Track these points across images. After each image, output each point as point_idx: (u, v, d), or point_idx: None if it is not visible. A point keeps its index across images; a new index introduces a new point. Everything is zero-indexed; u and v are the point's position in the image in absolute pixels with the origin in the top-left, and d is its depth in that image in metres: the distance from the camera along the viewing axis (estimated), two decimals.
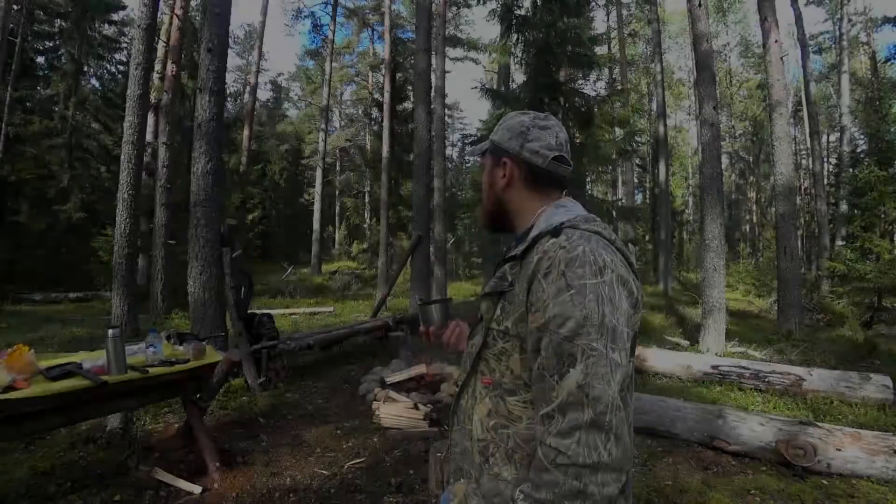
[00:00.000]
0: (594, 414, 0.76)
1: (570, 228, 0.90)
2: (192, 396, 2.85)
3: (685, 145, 30.18)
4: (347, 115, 31.72)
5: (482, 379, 0.98)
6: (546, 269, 0.84)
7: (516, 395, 0.92)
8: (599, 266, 0.82)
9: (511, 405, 0.93)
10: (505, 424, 0.94)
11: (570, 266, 0.82)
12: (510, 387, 0.93)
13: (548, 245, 0.87)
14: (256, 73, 17.46)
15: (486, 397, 0.97)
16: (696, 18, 6.82)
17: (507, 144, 1.03)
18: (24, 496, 2.58)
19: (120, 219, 6.61)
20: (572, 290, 0.80)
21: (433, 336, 1.23)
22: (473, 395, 1.00)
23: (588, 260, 0.82)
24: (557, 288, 0.81)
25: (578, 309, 0.79)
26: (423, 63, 7.87)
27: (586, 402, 0.77)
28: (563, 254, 0.83)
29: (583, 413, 0.77)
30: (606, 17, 21.09)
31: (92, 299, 11.11)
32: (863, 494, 2.77)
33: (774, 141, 7.65)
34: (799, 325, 7.22)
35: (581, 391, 0.77)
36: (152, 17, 7.08)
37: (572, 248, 0.84)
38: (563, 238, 0.87)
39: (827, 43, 22.10)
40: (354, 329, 6.27)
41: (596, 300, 0.80)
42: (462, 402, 1.04)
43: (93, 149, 15.33)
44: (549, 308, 0.82)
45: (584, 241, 0.86)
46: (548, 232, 0.90)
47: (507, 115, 1.09)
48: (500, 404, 0.94)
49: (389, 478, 2.90)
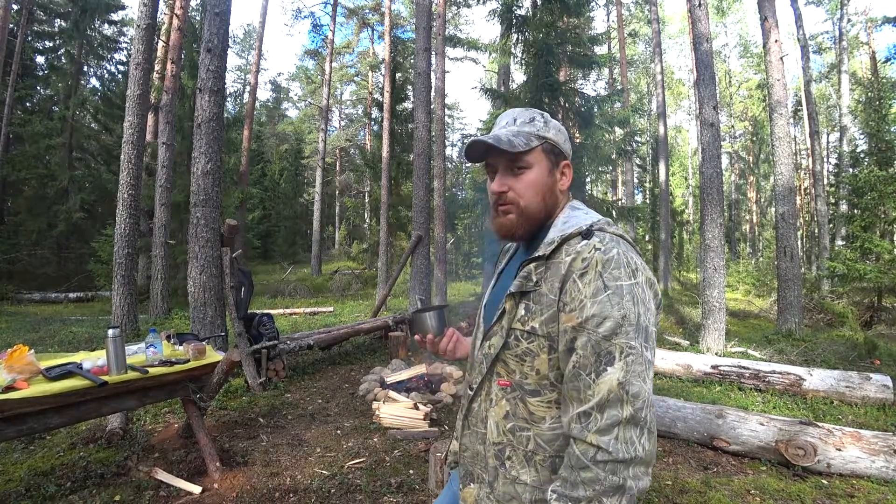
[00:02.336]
0: (633, 410, 0.79)
1: (600, 231, 0.90)
2: (192, 396, 2.85)
3: (685, 145, 30.21)
4: (347, 115, 31.76)
5: (498, 381, 0.96)
6: (582, 269, 0.85)
7: (540, 396, 0.91)
8: (633, 268, 0.86)
9: (533, 406, 0.92)
10: (524, 427, 0.92)
11: (606, 267, 0.84)
12: (533, 387, 0.92)
13: (580, 246, 0.87)
14: (256, 73, 17.44)
15: (502, 399, 0.95)
16: (696, 19, 6.82)
17: (563, 147, 1.01)
18: (24, 496, 2.58)
19: (120, 219, 6.62)
20: (609, 290, 0.83)
21: (430, 345, 1.18)
22: (488, 397, 0.98)
23: (623, 262, 0.85)
24: (595, 288, 0.83)
25: (616, 309, 0.82)
26: (423, 63, 7.86)
27: (626, 399, 0.80)
28: (599, 255, 0.85)
29: (622, 410, 0.79)
30: (606, 17, 21.11)
31: (92, 299, 11.13)
32: (863, 494, 2.77)
33: (774, 141, 7.64)
34: (799, 325, 7.22)
35: (622, 388, 0.80)
36: (152, 17, 7.08)
37: (607, 250, 0.86)
38: (597, 240, 0.88)
39: (827, 43, 22.13)
40: (354, 329, 6.27)
41: (632, 301, 0.83)
42: (475, 405, 1.01)
43: (93, 149, 15.35)
44: (587, 308, 0.83)
45: (616, 243, 0.88)
46: (578, 233, 0.90)
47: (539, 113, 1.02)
48: (518, 406, 0.93)
49: (389, 478, 2.90)
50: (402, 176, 14.42)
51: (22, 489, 2.64)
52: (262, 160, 25.43)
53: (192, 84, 10.19)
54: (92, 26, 14.60)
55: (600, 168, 11.86)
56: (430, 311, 1.19)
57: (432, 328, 1.17)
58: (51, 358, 2.51)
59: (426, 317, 1.18)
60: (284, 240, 23.85)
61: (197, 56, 6.57)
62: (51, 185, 13.04)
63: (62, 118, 13.32)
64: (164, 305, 8.75)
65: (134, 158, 6.67)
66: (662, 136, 15.34)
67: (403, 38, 16.72)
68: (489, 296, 1.12)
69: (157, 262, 8.78)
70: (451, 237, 16.64)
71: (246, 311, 5.01)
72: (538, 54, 8.17)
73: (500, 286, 1.09)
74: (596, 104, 9.15)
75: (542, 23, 8.23)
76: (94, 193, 13.98)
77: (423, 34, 7.83)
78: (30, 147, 13.04)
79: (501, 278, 1.12)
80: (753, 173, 26.90)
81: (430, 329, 1.17)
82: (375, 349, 6.43)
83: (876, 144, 9.98)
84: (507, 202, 0.98)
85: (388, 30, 15.33)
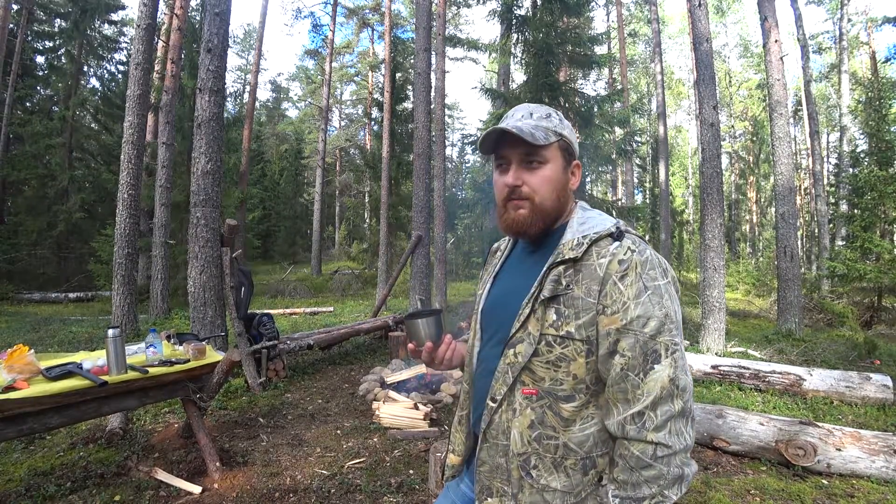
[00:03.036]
0: (683, 403, 0.84)
1: (627, 233, 0.92)
2: (192, 396, 2.84)
3: (685, 145, 30.21)
4: (347, 115, 31.75)
5: (522, 390, 0.92)
6: (621, 272, 0.86)
7: (574, 401, 0.89)
8: (664, 268, 0.89)
9: (567, 412, 0.90)
10: (551, 434, 0.90)
11: (644, 269, 0.86)
12: (567, 393, 0.89)
13: (614, 248, 0.88)
14: (256, 72, 17.43)
15: (527, 409, 0.92)
16: (696, 19, 6.81)
17: (575, 147, 1.00)
18: (24, 496, 2.58)
19: (120, 219, 6.62)
20: (650, 290, 0.85)
21: (426, 354, 1.08)
22: (510, 408, 0.94)
23: (656, 262, 0.88)
24: (637, 290, 0.84)
25: (658, 308, 0.84)
26: (423, 63, 7.86)
27: (676, 394, 0.83)
28: (637, 257, 0.86)
29: (674, 404, 0.83)
30: (606, 17, 21.10)
31: (92, 299, 11.13)
32: (863, 494, 2.77)
33: (774, 141, 7.64)
34: (799, 325, 7.22)
35: (673, 384, 0.83)
36: (152, 17, 7.08)
37: (642, 251, 0.88)
38: (629, 242, 0.89)
39: (827, 43, 22.13)
40: (354, 329, 6.27)
41: (670, 299, 0.86)
42: (496, 417, 0.95)
43: (93, 149, 15.35)
44: (631, 309, 0.84)
45: (645, 245, 0.90)
46: (607, 235, 0.90)
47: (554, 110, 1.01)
48: (546, 414, 0.90)
49: (389, 478, 2.90)
50: (402, 176, 14.42)
51: (22, 489, 2.64)
52: (262, 160, 25.44)
53: (192, 84, 10.18)
54: (92, 26, 14.60)
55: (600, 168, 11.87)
56: (426, 316, 1.09)
57: (428, 335, 1.08)
58: (51, 358, 2.51)
59: (421, 323, 1.08)
60: (284, 240, 23.87)
61: (197, 56, 6.57)
62: (51, 185, 13.04)
63: (62, 118, 13.32)
64: (164, 305, 8.76)
65: (134, 158, 6.68)
66: (662, 136, 15.34)
67: (403, 38, 16.72)
68: (486, 301, 1.07)
69: (157, 262, 8.79)
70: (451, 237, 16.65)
71: (246, 311, 5.01)
72: (538, 54, 8.17)
73: (501, 290, 1.05)
74: (596, 104, 9.15)
75: (542, 23, 8.23)
76: (94, 193, 13.98)
77: (423, 34, 7.83)
78: (30, 147, 13.04)
79: (499, 281, 1.07)
80: (753, 173, 26.89)
81: (427, 336, 1.08)
82: (375, 349, 6.43)
83: (876, 144, 9.97)
84: (522, 197, 0.95)
85: (388, 30, 15.33)
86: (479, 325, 1.07)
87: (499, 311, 1.01)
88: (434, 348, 1.09)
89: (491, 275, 1.11)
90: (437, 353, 1.10)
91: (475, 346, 1.07)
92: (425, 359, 1.10)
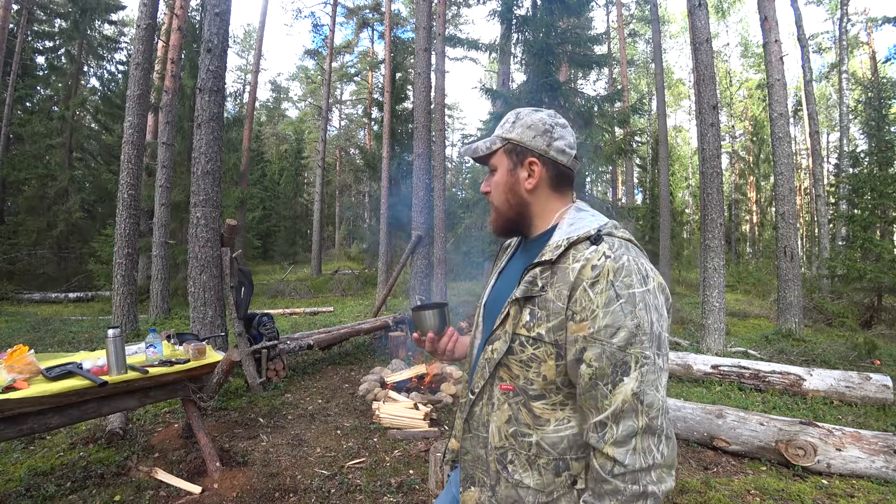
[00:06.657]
0: (647, 420, 0.79)
1: (608, 236, 0.88)
2: (192, 396, 2.84)
3: (685, 145, 30.22)
4: (347, 114, 31.75)
5: (500, 385, 0.94)
6: (592, 278, 0.83)
7: (545, 399, 0.90)
8: (644, 275, 0.84)
9: (538, 409, 0.90)
10: (526, 432, 0.91)
11: (617, 275, 0.82)
12: (538, 392, 0.90)
13: (589, 253, 0.85)
14: (256, 72, 17.43)
15: (504, 404, 0.94)
16: (696, 19, 6.81)
17: (531, 143, 0.97)
18: (24, 496, 2.58)
19: (120, 219, 6.62)
20: (622, 299, 0.81)
21: (429, 344, 1.14)
22: (490, 401, 0.96)
23: (633, 269, 0.83)
24: (607, 298, 0.81)
25: (629, 318, 0.80)
26: (423, 63, 7.86)
27: (640, 409, 0.79)
28: (610, 263, 0.83)
29: (637, 420, 0.79)
30: (606, 17, 21.11)
31: (92, 299, 11.13)
32: (863, 494, 2.77)
33: (774, 141, 7.64)
34: (799, 325, 7.21)
35: (636, 399, 0.79)
36: (152, 17, 7.08)
37: (618, 257, 0.84)
38: (606, 246, 0.85)
39: (827, 43, 22.13)
40: (354, 329, 6.27)
41: (645, 309, 0.81)
42: (476, 409, 0.99)
43: (93, 149, 15.35)
44: (599, 318, 0.81)
45: (626, 249, 0.86)
46: (586, 238, 0.88)
47: (516, 113, 1.02)
48: (521, 411, 0.92)
49: (389, 478, 2.90)
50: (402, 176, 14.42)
51: (22, 489, 2.64)
52: (262, 160, 25.44)
53: (192, 84, 10.18)
54: (92, 26, 14.60)
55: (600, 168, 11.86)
56: (431, 308, 1.14)
57: (433, 326, 1.13)
58: (51, 358, 2.51)
59: (427, 314, 1.13)
60: (284, 240, 23.87)
61: (197, 56, 6.57)
62: (51, 185, 13.03)
63: (62, 118, 13.31)
64: (164, 305, 8.75)
65: (134, 158, 6.67)
66: (662, 136, 15.33)
67: (403, 38, 16.72)
68: (489, 295, 1.09)
69: (157, 262, 8.78)
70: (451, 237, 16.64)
71: (246, 311, 5.00)
72: (538, 54, 8.17)
73: (502, 286, 1.07)
74: (596, 104, 9.14)
75: (542, 23, 8.22)
76: (94, 193, 13.98)
77: (423, 34, 7.82)
78: (30, 147, 13.04)
79: (502, 277, 1.10)
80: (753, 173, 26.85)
81: (431, 327, 1.13)
82: (375, 349, 6.43)
83: (876, 144, 9.98)
84: (492, 203, 1.04)
85: (388, 30, 15.33)
86: (482, 317, 1.10)
87: (492, 307, 1.04)
88: (437, 339, 1.14)
89: (496, 271, 1.14)
90: (439, 344, 1.15)
91: (476, 338, 1.10)
92: (429, 348, 1.15)
